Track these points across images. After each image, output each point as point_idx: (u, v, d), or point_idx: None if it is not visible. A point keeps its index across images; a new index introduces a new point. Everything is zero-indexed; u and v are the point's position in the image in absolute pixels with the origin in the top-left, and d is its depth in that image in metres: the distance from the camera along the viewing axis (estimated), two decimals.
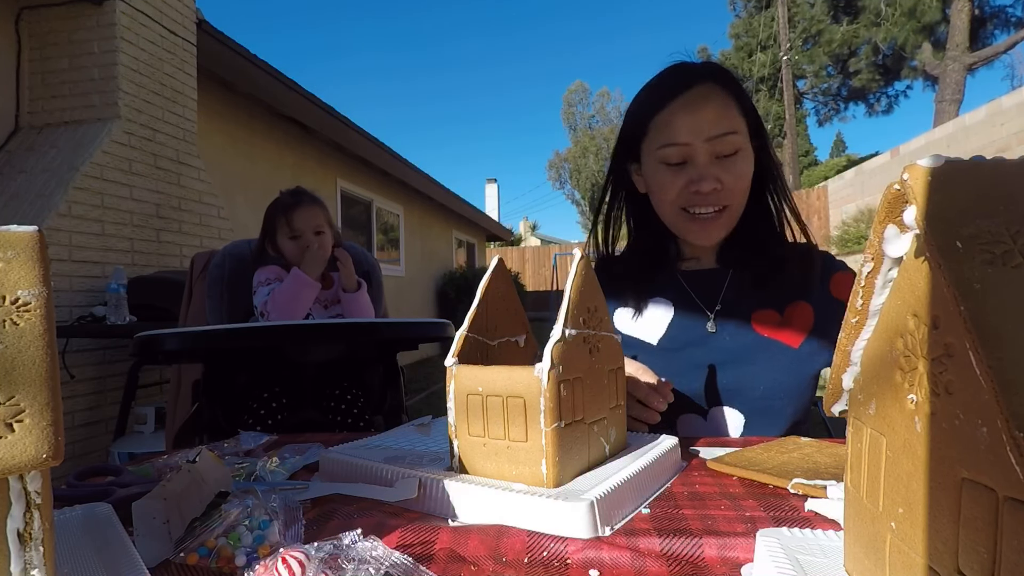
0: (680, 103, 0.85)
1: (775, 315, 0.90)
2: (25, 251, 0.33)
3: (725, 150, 0.84)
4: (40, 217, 2.60)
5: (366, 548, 0.40)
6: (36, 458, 0.28)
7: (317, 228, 1.60)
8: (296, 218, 1.59)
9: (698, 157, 0.84)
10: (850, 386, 0.35)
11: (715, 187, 0.84)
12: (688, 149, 0.85)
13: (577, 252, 0.57)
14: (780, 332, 0.89)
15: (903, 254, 0.29)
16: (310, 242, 1.58)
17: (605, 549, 0.43)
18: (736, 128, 0.84)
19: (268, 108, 4.69)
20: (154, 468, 0.66)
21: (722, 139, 0.83)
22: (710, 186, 0.84)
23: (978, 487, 0.23)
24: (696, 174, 0.85)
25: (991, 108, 6.83)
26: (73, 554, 0.42)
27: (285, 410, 1.46)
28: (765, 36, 20.66)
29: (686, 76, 0.87)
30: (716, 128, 0.83)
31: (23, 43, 3.00)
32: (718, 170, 0.84)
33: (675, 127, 0.85)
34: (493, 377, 0.53)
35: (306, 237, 1.59)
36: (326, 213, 1.65)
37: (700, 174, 0.84)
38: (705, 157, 0.84)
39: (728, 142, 0.83)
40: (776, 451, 0.65)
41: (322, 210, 1.64)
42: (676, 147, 0.85)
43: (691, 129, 0.84)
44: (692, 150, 0.84)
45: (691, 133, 0.84)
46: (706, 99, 0.84)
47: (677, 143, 0.85)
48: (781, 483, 0.56)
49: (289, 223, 1.59)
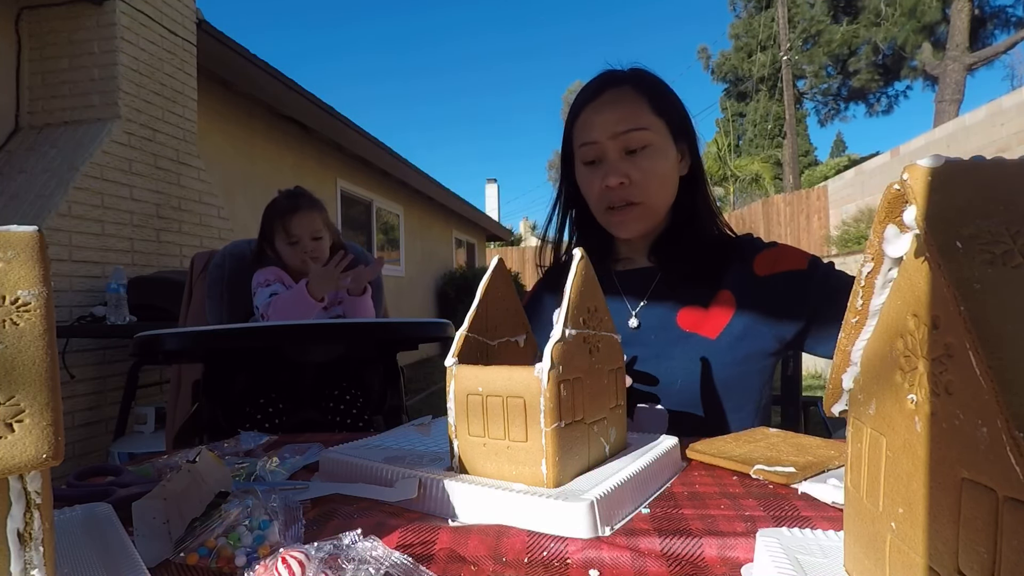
0: (593, 106, 0.92)
1: (700, 310, 0.91)
2: (25, 251, 0.33)
3: (632, 145, 0.88)
4: (40, 217, 2.60)
5: (366, 548, 0.40)
6: (36, 458, 0.28)
7: (315, 234, 1.59)
8: (294, 224, 1.57)
9: (608, 153, 0.90)
10: (850, 386, 0.35)
11: (622, 181, 0.89)
12: (599, 147, 0.90)
13: (577, 252, 0.57)
14: (701, 325, 0.90)
15: (903, 254, 0.29)
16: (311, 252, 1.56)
17: (605, 549, 0.43)
18: (645, 125, 0.88)
19: (268, 108, 4.69)
20: (154, 468, 0.66)
21: (628, 135, 0.88)
22: (616, 180, 0.89)
23: (978, 487, 0.23)
24: (606, 169, 0.90)
25: (991, 108, 6.83)
26: (73, 554, 0.42)
27: (285, 410, 1.45)
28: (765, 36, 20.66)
29: (600, 82, 0.93)
30: (623, 124, 0.88)
31: (23, 43, 3.01)
32: (627, 165, 0.89)
33: (588, 127, 0.91)
34: (493, 377, 0.53)
35: (304, 243, 1.57)
36: (324, 215, 1.63)
37: (608, 169, 0.90)
38: (614, 153, 0.90)
39: (635, 137, 0.88)
40: (744, 440, 0.70)
41: (320, 213, 1.62)
42: (588, 145, 0.91)
43: (600, 127, 0.90)
44: (602, 147, 0.90)
45: (600, 131, 0.89)
46: (615, 100, 0.90)
47: (588, 141, 0.91)
48: (744, 469, 0.61)
49: (286, 229, 1.58)
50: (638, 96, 0.90)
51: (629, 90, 0.91)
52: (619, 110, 0.89)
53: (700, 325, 0.90)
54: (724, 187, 19.63)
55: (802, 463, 0.60)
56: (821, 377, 5.16)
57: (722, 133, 21.87)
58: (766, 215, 12.79)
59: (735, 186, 19.51)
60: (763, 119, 22.70)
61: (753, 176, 18.59)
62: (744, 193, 19.26)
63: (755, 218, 13.38)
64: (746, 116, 23.94)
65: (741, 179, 19.12)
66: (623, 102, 0.90)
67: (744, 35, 22.22)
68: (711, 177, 19.68)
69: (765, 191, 17.45)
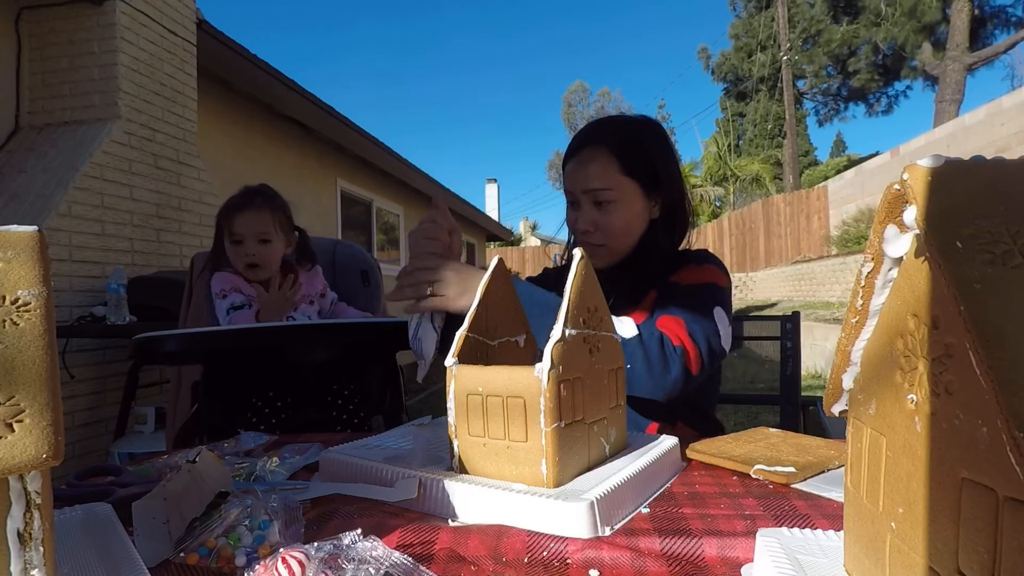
0: (573, 161, 1.06)
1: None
2: (25, 251, 0.33)
3: (600, 199, 1.03)
4: (40, 217, 2.60)
5: (366, 548, 0.40)
6: (36, 458, 0.28)
7: (262, 235, 1.47)
8: (237, 222, 1.46)
9: (581, 203, 1.05)
10: (850, 386, 0.35)
11: (588, 228, 1.04)
12: (574, 196, 1.06)
13: (577, 252, 0.57)
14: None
15: (903, 254, 0.29)
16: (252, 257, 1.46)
17: (605, 549, 0.43)
18: (611, 186, 1.02)
19: (268, 108, 4.69)
20: (154, 468, 0.66)
21: (595, 192, 1.02)
22: (584, 226, 1.04)
23: (978, 487, 0.23)
24: (579, 215, 1.05)
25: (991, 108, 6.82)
26: (73, 554, 0.42)
27: (285, 410, 1.45)
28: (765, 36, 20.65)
29: (582, 138, 1.07)
30: (591, 183, 1.02)
31: (23, 43, 3.00)
32: (596, 214, 1.03)
33: (569, 177, 1.07)
34: (493, 377, 0.53)
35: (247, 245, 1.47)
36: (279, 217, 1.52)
37: (581, 215, 1.05)
38: (587, 204, 1.04)
39: (602, 194, 1.02)
40: (744, 440, 0.71)
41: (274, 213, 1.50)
42: (568, 192, 1.07)
43: (575, 182, 1.05)
44: (576, 197, 1.05)
45: (575, 184, 1.05)
46: (589, 160, 1.03)
47: (568, 189, 1.07)
48: (744, 469, 0.61)
49: (230, 227, 1.47)
50: (610, 158, 1.02)
51: (603, 152, 1.03)
52: (590, 169, 1.03)
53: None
54: (724, 187, 19.64)
55: (802, 463, 0.60)
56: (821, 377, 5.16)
57: (722, 133, 21.88)
58: (766, 215, 12.78)
59: (735, 186, 19.51)
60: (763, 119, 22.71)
61: (753, 176, 18.59)
62: (744, 193, 19.27)
63: (755, 218, 13.37)
64: (746, 116, 23.95)
65: (741, 179, 19.12)
66: (594, 162, 1.03)
67: (744, 35, 22.22)
68: (711, 177, 19.68)
69: (765, 191, 17.45)
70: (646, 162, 1.05)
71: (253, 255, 1.47)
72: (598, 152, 1.04)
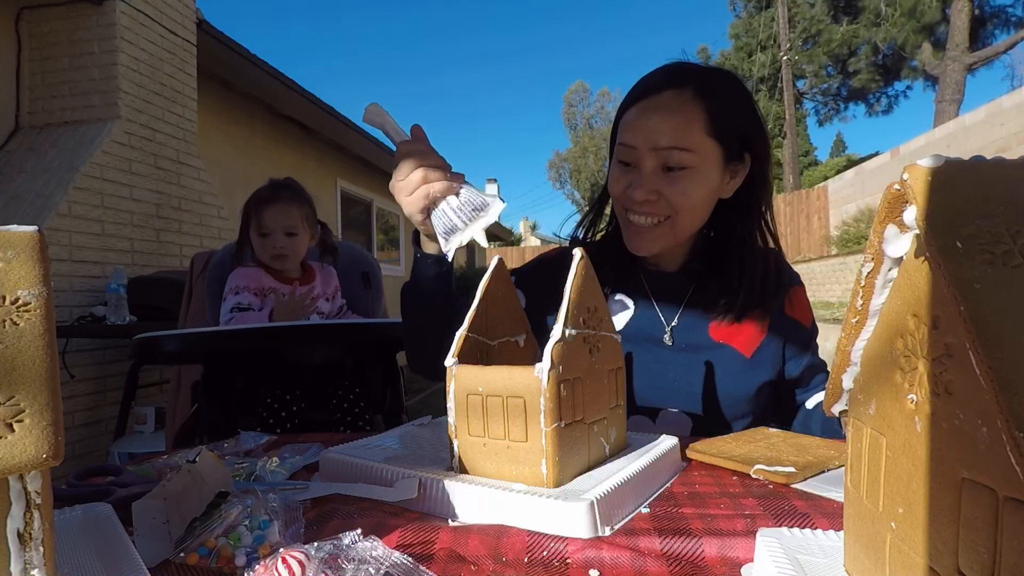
0: (643, 105, 0.83)
1: (731, 323, 0.90)
2: (25, 251, 0.33)
3: (671, 163, 0.81)
4: (40, 217, 2.60)
5: (366, 548, 0.40)
6: (36, 458, 0.28)
7: (289, 229, 1.52)
8: (266, 216, 1.51)
9: (643, 163, 0.83)
10: (850, 386, 0.35)
11: (649, 198, 0.82)
12: (636, 153, 0.83)
13: (577, 252, 0.57)
14: (733, 338, 0.90)
15: (903, 254, 0.29)
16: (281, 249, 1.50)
17: (605, 549, 0.43)
18: (691, 146, 0.80)
19: (268, 108, 4.69)
20: (154, 468, 0.66)
21: (669, 152, 0.80)
22: (643, 195, 0.82)
23: (978, 487, 0.23)
24: (636, 179, 0.83)
25: (991, 108, 6.82)
26: (73, 554, 0.42)
27: (285, 410, 1.45)
28: (765, 36, 20.66)
29: (662, 78, 0.85)
30: (666, 139, 0.80)
31: (23, 43, 3.00)
32: (661, 182, 0.82)
33: (632, 128, 0.83)
34: (493, 377, 0.53)
35: (275, 238, 1.51)
36: (305, 210, 1.57)
37: (639, 180, 0.83)
38: (651, 165, 0.82)
39: (676, 157, 0.80)
40: (744, 440, 0.70)
41: (300, 207, 1.55)
42: (626, 148, 0.84)
43: (642, 134, 0.82)
44: (639, 155, 0.83)
45: (641, 138, 0.82)
46: (669, 107, 0.81)
47: (627, 143, 0.84)
48: (744, 469, 0.60)
49: (259, 219, 1.52)
50: (697, 109, 0.81)
51: (690, 99, 0.81)
52: (670, 121, 0.80)
53: (732, 338, 0.90)
54: None
55: (802, 463, 0.60)
56: None
57: None
58: None
59: None
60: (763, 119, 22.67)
61: None
62: None
63: None
64: None
65: None
66: (677, 113, 0.81)
67: (744, 35, 22.22)
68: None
69: None
70: (737, 120, 0.85)
71: (281, 247, 1.52)
72: (684, 99, 0.81)
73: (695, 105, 0.81)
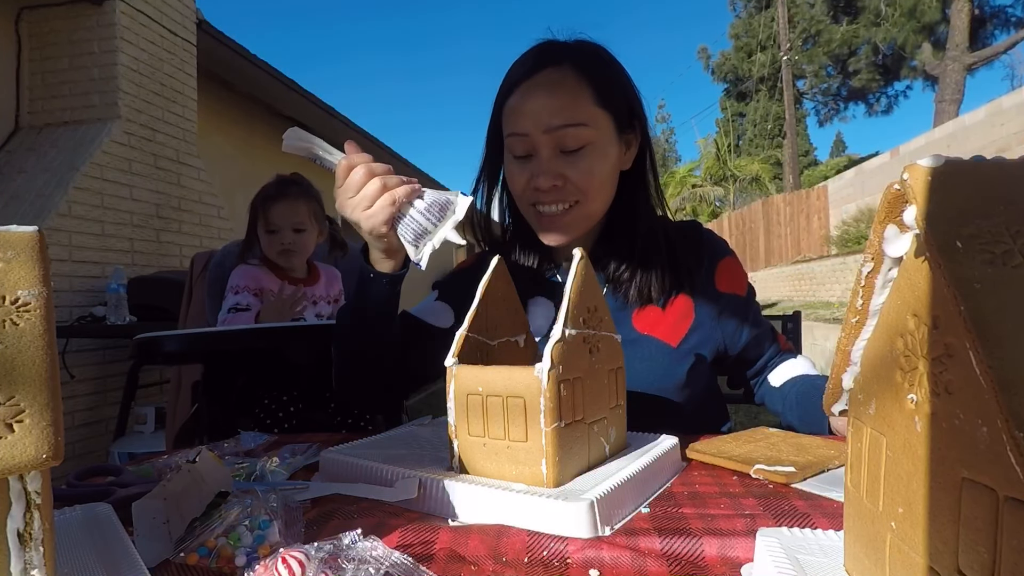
0: (524, 88, 0.78)
1: (656, 310, 0.85)
2: (25, 251, 0.33)
3: (569, 144, 0.76)
4: (40, 217, 2.60)
5: (366, 548, 0.40)
6: (36, 458, 0.28)
7: (297, 225, 1.53)
8: (274, 212, 1.52)
9: (540, 150, 0.77)
10: (850, 386, 0.35)
11: (555, 183, 0.77)
12: (529, 140, 0.77)
13: (577, 252, 0.57)
14: (657, 327, 0.85)
15: (903, 254, 0.29)
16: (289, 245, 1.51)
17: (605, 549, 0.43)
18: (584, 120, 0.76)
19: (268, 108, 4.69)
20: (154, 468, 0.66)
21: (563, 131, 0.75)
22: (548, 182, 0.77)
23: (978, 487, 0.23)
24: (536, 168, 0.78)
25: (991, 108, 6.82)
26: (73, 554, 0.42)
27: (284, 410, 1.45)
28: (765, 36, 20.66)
29: (537, 58, 0.79)
30: (557, 118, 0.75)
31: (23, 43, 3.00)
32: (562, 164, 0.77)
33: (518, 115, 0.78)
34: (493, 377, 0.53)
35: (283, 234, 1.52)
36: (313, 206, 1.58)
37: (539, 168, 0.78)
38: (547, 150, 0.77)
39: (572, 135, 0.75)
40: (744, 440, 0.70)
41: (308, 203, 1.56)
42: (518, 137, 0.78)
43: (532, 118, 0.76)
44: (533, 141, 0.77)
45: (532, 122, 0.76)
46: (552, 85, 0.76)
47: (518, 132, 0.78)
48: (744, 469, 0.60)
49: (266, 215, 1.53)
50: (580, 82, 0.77)
51: (570, 73, 0.77)
52: (556, 99, 0.76)
53: (656, 327, 0.85)
54: (724, 187, 19.64)
55: (802, 463, 0.60)
56: None
57: (722, 133, 21.89)
58: (766, 215, 12.78)
59: (735, 186, 19.51)
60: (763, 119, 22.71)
61: (753, 176, 18.59)
62: (744, 193, 19.27)
63: (755, 218, 13.38)
64: (746, 116, 23.95)
65: (741, 179, 19.12)
66: (561, 89, 0.76)
67: (744, 35, 22.22)
68: (711, 177, 19.68)
69: (765, 191, 17.45)
70: (620, 86, 0.81)
71: (288, 243, 1.53)
72: (564, 73, 0.77)
73: (577, 78, 0.77)
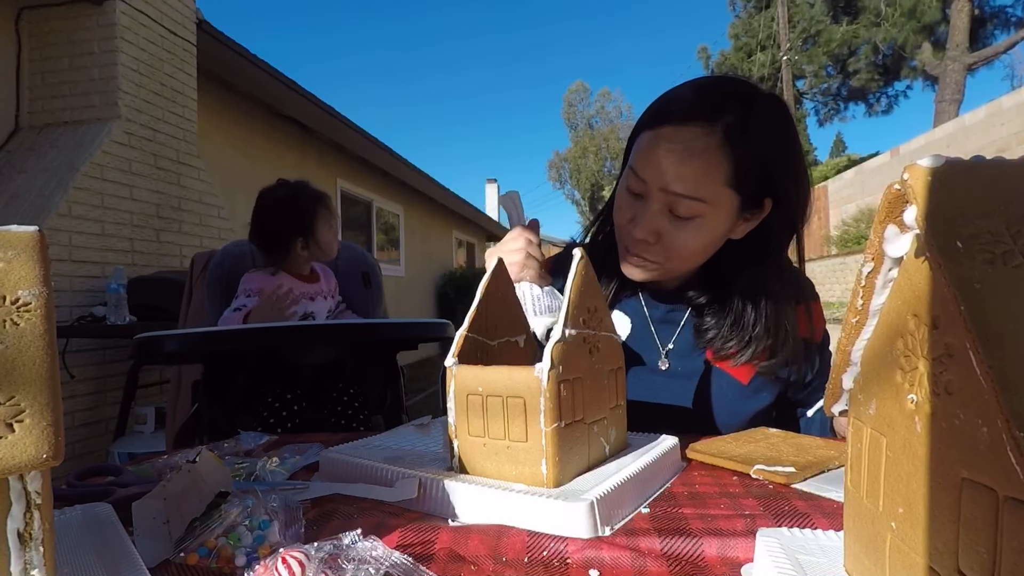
0: (664, 134, 0.73)
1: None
2: (25, 251, 0.33)
3: (681, 211, 0.74)
4: (40, 217, 2.60)
5: (366, 548, 0.40)
6: (36, 458, 0.28)
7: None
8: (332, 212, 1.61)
9: (651, 203, 0.75)
10: (850, 386, 0.35)
11: (648, 238, 0.76)
12: (645, 187, 0.75)
13: (577, 253, 0.57)
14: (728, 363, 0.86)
15: (903, 254, 0.29)
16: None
17: (605, 549, 0.43)
18: (705, 197, 0.72)
19: (268, 108, 4.69)
20: (154, 468, 0.66)
21: (679, 199, 0.73)
22: (643, 234, 0.76)
23: (978, 487, 0.23)
24: (640, 214, 0.76)
25: (991, 108, 6.83)
26: (73, 554, 0.42)
27: (285, 410, 1.46)
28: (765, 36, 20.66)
29: (692, 105, 0.74)
30: (678, 185, 0.72)
31: (23, 43, 3.01)
32: (664, 223, 0.75)
33: (645, 159, 0.75)
34: (493, 377, 0.53)
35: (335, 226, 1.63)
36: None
37: (642, 218, 0.76)
38: (657, 205, 0.75)
39: (686, 206, 0.73)
40: (744, 440, 0.70)
41: None
42: (636, 178, 0.76)
43: (655, 172, 0.73)
44: (647, 190, 0.75)
45: (653, 175, 0.74)
46: (689, 152, 0.71)
47: (638, 174, 0.75)
48: (744, 469, 0.60)
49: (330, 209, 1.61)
50: (721, 157, 0.71)
51: (714, 143, 0.71)
52: (686, 167, 0.71)
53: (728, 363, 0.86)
54: None
55: (802, 463, 0.60)
56: None
57: None
58: None
59: None
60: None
61: None
62: None
63: None
64: None
65: None
66: (696, 160, 0.71)
67: (744, 35, 22.23)
68: None
69: None
70: (768, 170, 0.75)
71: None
72: (710, 144, 0.71)
73: (720, 151, 0.72)
